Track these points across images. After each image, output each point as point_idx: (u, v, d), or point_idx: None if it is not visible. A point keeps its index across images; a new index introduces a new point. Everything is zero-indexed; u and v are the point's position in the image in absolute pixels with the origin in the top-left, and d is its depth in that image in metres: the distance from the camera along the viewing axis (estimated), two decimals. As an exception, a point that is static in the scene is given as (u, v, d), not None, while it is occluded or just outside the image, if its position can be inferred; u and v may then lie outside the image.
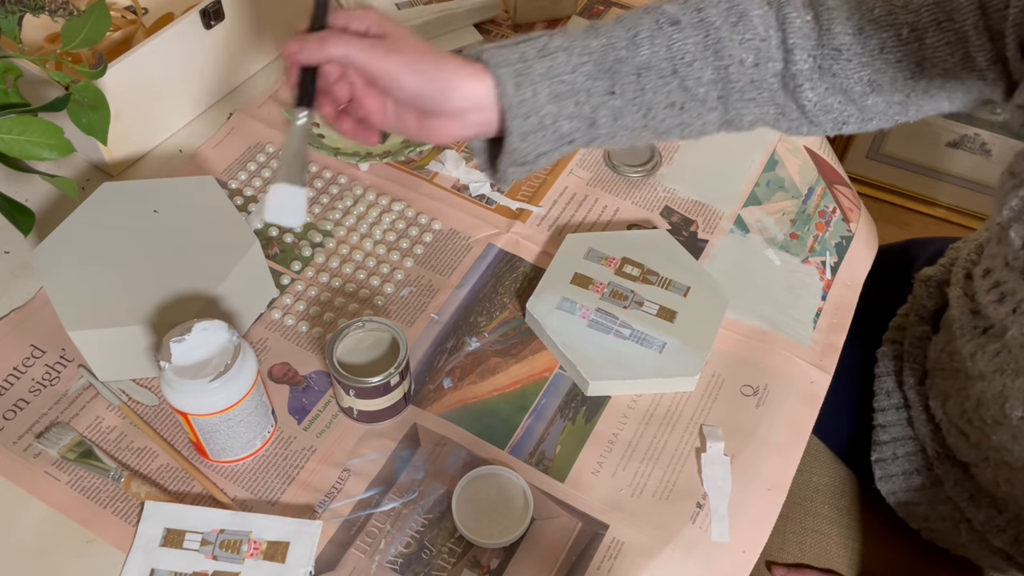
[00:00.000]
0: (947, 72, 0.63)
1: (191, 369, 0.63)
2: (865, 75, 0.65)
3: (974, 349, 0.70)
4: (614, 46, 0.64)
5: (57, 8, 0.70)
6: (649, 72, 0.65)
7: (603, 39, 0.64)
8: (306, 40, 0.59)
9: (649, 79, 0.65)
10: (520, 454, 0.71)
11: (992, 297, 0.66)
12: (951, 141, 1.73)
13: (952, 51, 0.62)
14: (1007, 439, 0.69)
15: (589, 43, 0.64)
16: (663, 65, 0.65)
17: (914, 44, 0.63)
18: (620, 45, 0.64)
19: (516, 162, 0.64)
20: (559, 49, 0.63)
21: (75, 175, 0.88)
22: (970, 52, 0.62)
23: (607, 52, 0.64)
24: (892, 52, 0.64)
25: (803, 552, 0.86)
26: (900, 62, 0.64)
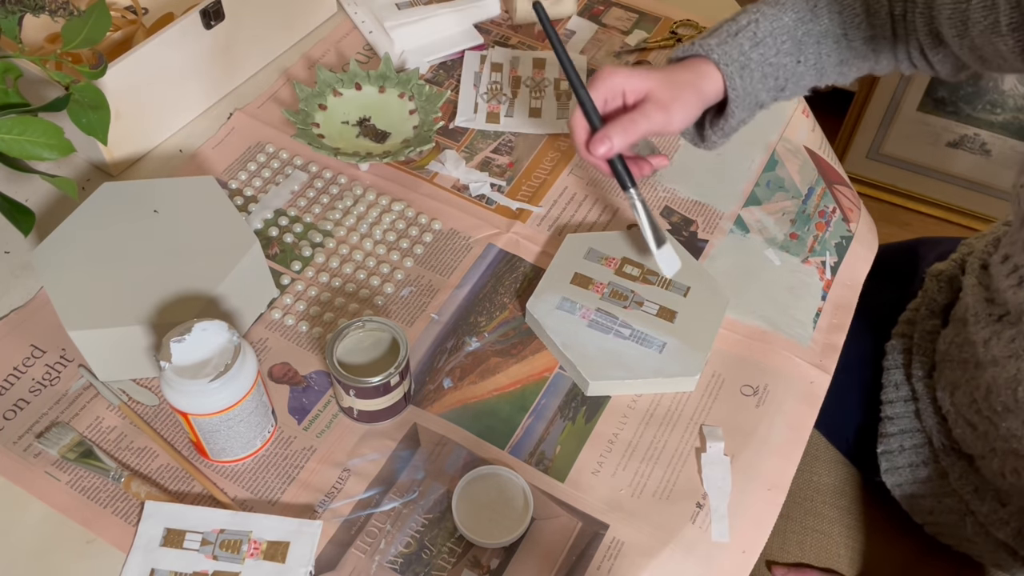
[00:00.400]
0: (982, 34, 0.69)
1: (191, 369, 0.63)
2: (932, 28, 0.74)
3: (989, 335, 0.71)
4: (802, 20, 0.76)
5: (57, 8, 0.70)
6: (826, 39, 0.77)
7: (792, 14, 0.76)
8: (599, 142, 0.72)
9: (826, 45, 0.77)
10: (520, 454, 0.71)
11: (1011, 282, 0.69)
12: (951, 141, 1.73)
13: (986, 14, 0.68)
14: (1017, 425, 0.70)
15: (784, 21, 0.75)
16: (837, 31, 0.77)
17: (963, 4, 0.69)
18: (807, 18, 0.76)
19: (727, 133, 0.79)
20: (767, 35, 0.75)
21: (75, 175, 0.88)
22: (998, 17, 0.67)
23: (798, 27, 0.76)
24: (947, 8, 0.70)
25: (803, 552, 0.86)
26: (951, 18, 0.71)
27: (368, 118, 0.93)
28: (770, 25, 0.75)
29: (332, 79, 0.93)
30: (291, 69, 0.99)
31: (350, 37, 1.03)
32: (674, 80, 0.73)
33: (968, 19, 0.70)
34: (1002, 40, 0.68)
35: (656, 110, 0.72)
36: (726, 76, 0.74)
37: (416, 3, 1.03)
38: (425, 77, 0.99)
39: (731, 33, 0.75)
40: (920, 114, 1.71)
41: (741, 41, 0.74)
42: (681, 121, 0.74)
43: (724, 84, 0.74)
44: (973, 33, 0.70)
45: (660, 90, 0.72)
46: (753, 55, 0.74)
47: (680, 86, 0.73)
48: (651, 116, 0.72)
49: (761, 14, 0.76)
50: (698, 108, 0.75)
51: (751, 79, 0.75)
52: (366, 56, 1.01)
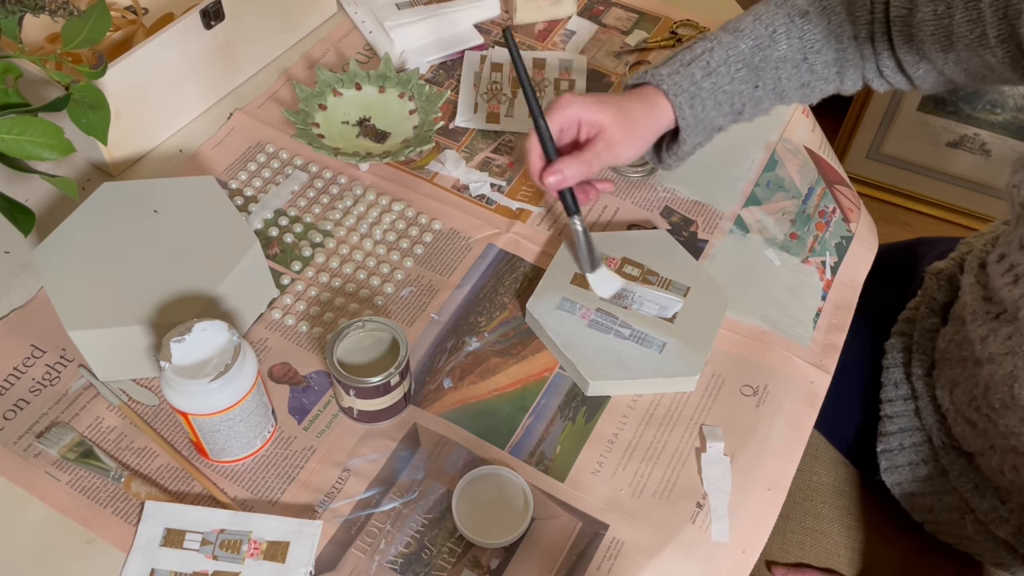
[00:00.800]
0: (969, 47, 0.70)
1: (191, 369, 0.63)
2: (914, 45, 0.75)
3: (985, 333, 0.72)
4: (759, 46, 0.77)
5: (57, 8, 0.70)
6: (785, 64, 0.78)
7: (749, 41, 0.77)
8: (554, 173, 0.76)
9: (785, 70, 0.78)
10: (520, 454, 0.71)
11: (1006, 280, 0.69)
12: (951, 141, 1.73)
13: (972, 28, 0.69)
14: (1015, 422, 0.70)
15: (740, 48, 0.77)
16: (796, 56, 0.78)
17: (946, 20, 0.70)
18: (764, 44, 0.77)
19: (681, 158, 0.81)
20: (720, 64, 0.77)
21: (75, 175, 0.88)
22: (986, 30, 0.68)
23: (754, 53, 0.77)
24: (929, 24, 0.71)
25: (803, 552, 0.86)
26: (934, 34, 0.72)
27: (368, 118, 0.93)
28: (724, 53, 0.77)
29: (332, 79, 0.93)
30: (291, 69, 0.99)
31: (350, 37, 1.03)
32: (628, 115, 0.77)
33: (952, 33, 0.71)
34: (990, 52, 0.69)
35: (606, 150, 0.76)
36: (675, 106, 0.77)
37: (416, 3, 1.03)
38: (425, 77, 0.99)
39: (684, 63, 0.77)
40: (920, 114, 1.71)
41: (693, 71, 0.77)
42: (628, 157, 0.78)
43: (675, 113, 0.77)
44: (959, 47, 0.71)
45: (613, 128, 0.76)
46: (705, 84, 0.77)
47: (633, 121, 0.77)
48: (602, 156, 0.77)
49: (717, 42, 0.78)
50: (650, 140, 0.79)
51: (703, 107, 0.77)
52: (366, 56, 1.01)
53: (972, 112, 1.67)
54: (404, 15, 1.00)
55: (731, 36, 0.78)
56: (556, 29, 1.05)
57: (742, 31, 0.78)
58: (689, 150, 0.81)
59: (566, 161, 0.76)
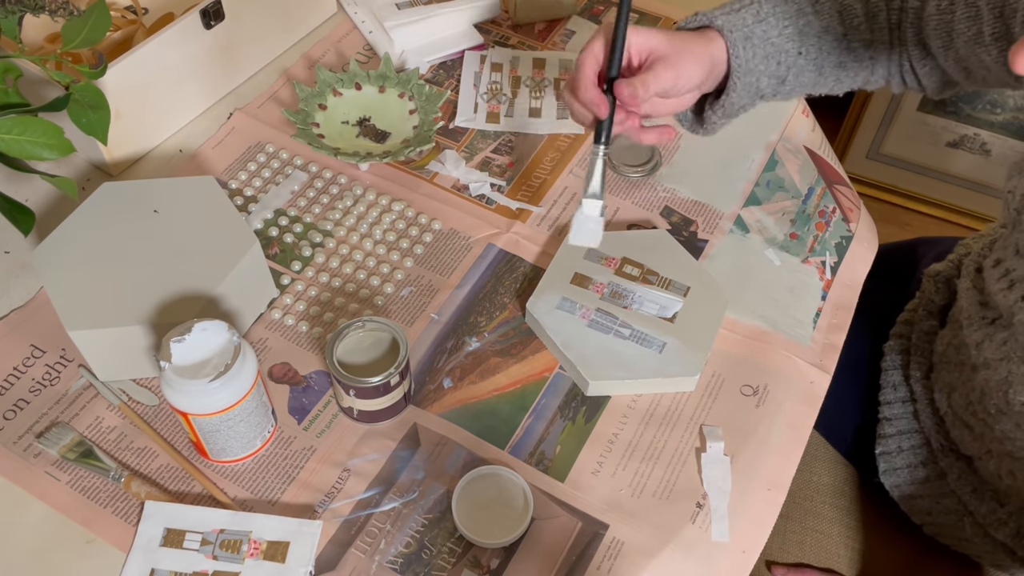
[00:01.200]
0: (967, 44, 0.69)
1: (191, 369, 0.63)
2: (920, 39, 0.73)
3: (981, 338, 0.71)
4: (803, 11, 0.74)
5: (57, 8, 0.70)
6: (827, 35, 0.75)
7: (794, 4, 0.74)
8: (629, 86, 0.67)
9: (826, 41, 0.75)
10: (520, 454, 0.71)
11: (1001, 285, 0.69)
12: (951, 141, 1.73)
13: (970, 25, 0.68)
14: (1010, 427, 0.70)
15: (788, 7, 0.74)
16: (839, 29, 0.75)
17: (948, 15, 0.70)
18: (808, 11, 0.74)
19: (728, 114, 0.75)
20: (770, 15, 0.73)
21: (75, 175, 0.88)
22: (982, 27, 0.67)
23: (799, 16, 0.74)
24: (933, 18, 0.71)
25: (803, 552, 0.86)
26: (936, 29, 0.71)
27: (368, 118, 0.93)
28: (772, 7, 0.74)
29: (332, 79, 0.93)
30: (291, 69, 0.99)
31: (350, 37, 1.03)
32: (682, 40, 0.71)
33: (953, 30, 0.70)
34: (985, 51, 0.69)
35: (665, 68, 0.69)
36: (729, 43, 0.72)
37: (416, 3, 1.03)
38: (425, 77, 0.99)
39: (735, 8, 0.73)
40: (920, 114, 1.71)
41: (744, 15, 0.72)
42: (689, 78, 0.71)
43: (728, 54, 0.72)
44: (958, 44, 0.71)
45: (666, 47, 0.70)
46: (756, 29, 0.72)
47: (687, 44, 0.71)
48: (661, 75, 0.69)
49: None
50: (706, 67, 0.72)
51: (754, 53, 0.73)
52: (366, 56, 1.01)
53: (972, 112, 1.67)
54: (404, 15, 1.00)
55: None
56: (556, 29, 1.05)
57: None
58: (736, 103, 0.75)
59: (640, 76, 0.68)
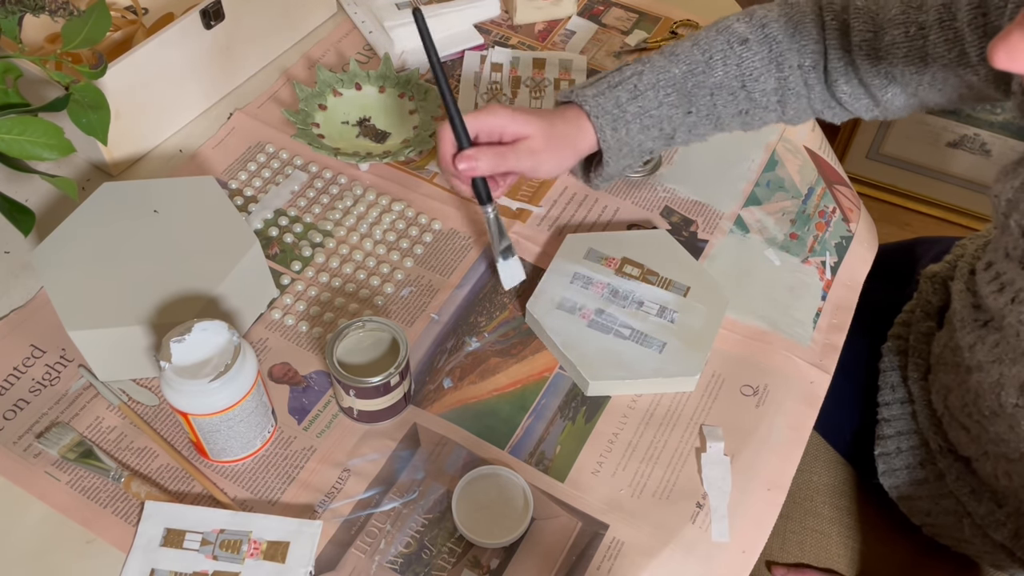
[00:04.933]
0: (946, 67, 0.69)
1: (191, 369, 0.63)
2: (881, 68, 0.73)
3: (973, 340, 0.72)
4: (693, 72, 0.77)
5: (57, 8, 0.70)
6: (721, 90, 0.77)
7: (683, 66, 0.77)
8: (466, 160, 0.74)
9: (720, 96, 0.77)
10: (520, 454, 0.71)
11: (992, 288, 0.69)
12: (951, 141, 1.73)
13: (949, 48, 0.68)
14: (1004, 429, 0.70)
15: (672, 72, 0.76)
16: (733, 83, 0.77)
17: (919, 40, 0.70)
18: (698, 70, 0.77)
19: (607, 179, 0.82)
20: (648, 88, 0.76)
21: (75, 175, 0.88)
22: (965, 48, 0.67)
23: (687, 79, 0.77)
24: (900, 47, 0.71)
25: (803, 552, 0.86)
26: (907, 56, 0.71)
27: (368, 118, 0.93)
28: (654, 77, 0.76)
29: (332, 79, 0.93)
30: (291, 69, 0.99)
31: (350, 37, 1.03)
32: (553, 131, 0.76)
33: (928, 55, 0.70)
34: (971, 71, 0.68)
35: (527, 155, 0.75)
36: (596, 128, 0.76)
37: (416, 3, 1.03)
38: (425, 77, 0.99)
39: (611, 85, 0.77)
40: (920, 114, 1.71)
41: (619, 93, 0.76)
42: (549, 171, 0.77)
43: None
44: (934, 68, 0.70)
45: (537, 139, 0.75)
46: (630, 108, 0.76)
47: (558, 139, 0.76)
48: (521, 158, 0.75)
49: (649, 65, 0.77)
50: (571, 160, 0.78)
51: (626, 131, 0.77)
52: (366, 56, 1.01)
53: (972, 112, 1.67)
54: (404, 15, 1.00)
55: (665, 60, 0.77)
56: (556, 29, 1.05)
57: (678, 55, 0.77)
58: (613, 171, 0.80)
59: (482, 151, 0.75)
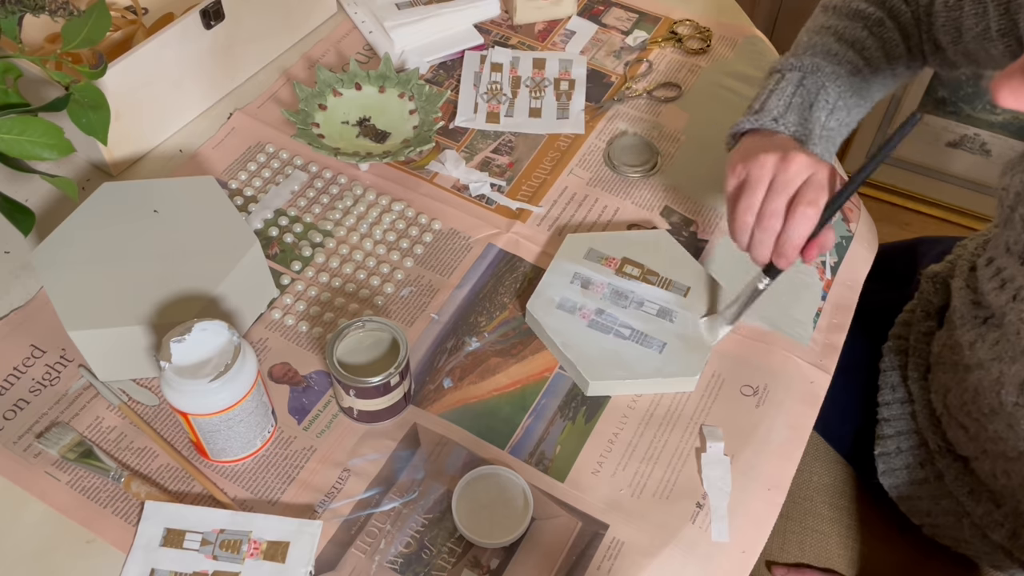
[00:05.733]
0: (975, 39, 0.72)
1: (191, 369, 0.63)
2: (931, 35, 0.77)
3: (973, 338, 0.72)
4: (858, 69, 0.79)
5: (57, 8, 0.70)
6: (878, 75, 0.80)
7: (847, 66, 0.78)
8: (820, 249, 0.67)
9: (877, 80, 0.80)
10: (520, 454, 0.71)
11: (993, 284, 0.69)
12: (951, 141, 1.73)
13: (978, 20, 0.70)
14: (1002, 428, 0.70)
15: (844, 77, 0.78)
16: (885, 67, 0.80)
17: (956, 12, 0.72)
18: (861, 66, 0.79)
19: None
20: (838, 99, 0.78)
21: (75, 175, 0.88)
22: (989, 23, 0.69)
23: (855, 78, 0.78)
24: (940, 16, 0.73)
25: (803, 552, 0.86)
26: (944, 26, 0.73)
27: (368, 118, 0.93)
28: (836, 90, 0.77)
29: (332, 79, 0.93)
30: (291, 69, 0.99)
31: (350, 37, 1.03)
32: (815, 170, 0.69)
33: (961, 26, 0.72)
34: (992, 45, 0.70)
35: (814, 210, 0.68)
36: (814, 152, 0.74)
37: (416, 3, 1.03)
38: (425, 77, 0.99)
39: (805, 105, 0.75)
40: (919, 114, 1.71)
41: (818, 115, 0.76)
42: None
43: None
44: (966, 39, 0.72)
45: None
46: (830, 123, 0.77)
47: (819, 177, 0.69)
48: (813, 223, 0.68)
49: (823, 76, 0.77)
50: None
51: (834, 145, 0.80)
52: (366, 56, 1.01)
53: (972, 112, 1.67)
54: (404, 15, 1.00)
55: (830, 64, 0.77)
56: (556, 29, 1.05)
57: (838, 56, 0.78)
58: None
59: (828, 233, 0.68)
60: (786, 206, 0.67)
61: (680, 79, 1.00)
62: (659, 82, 1.00)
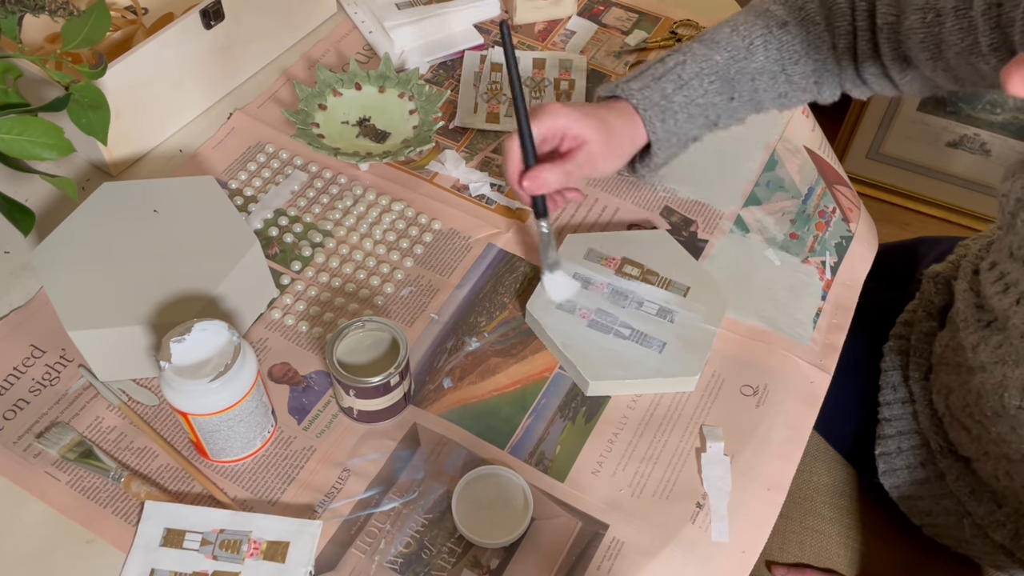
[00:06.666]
0: (959, 55, 0.70)
1: (191, 369, 0.63)
2: (900, 52, 0.74)
3: (977, 341, 0.71)
4: (735, 58, 0.77)
5: (57, 8, 0.70)
6: (762, 75, 0.78)
7: (724, 53, 0.77)
8: (532, 179, 0.74)
9: (762, 81, 0.78)
10: (520, 454, 0.71)
11: (996, 288, 0.69)
12: (951, 141, 1.73)
13: (963, 36, 0.68)
14: (1006, 430, 0.70)
15: (715, 60, 0.77)
16: (774, 67, 0.78)
17: (935, 27, 0.70)
18: (740, 56, 0.77)
19: (654, 169, 0.82)
20: (692, 77, 0.77)
21: (75, 175, 0.88)
22: (978, 38, 0.67)
23: (729, 65, 0.77)
24: (918, 32, 0.71)
25: (803, 552, 0.86)
26: (923, 42, 0.71)
27: (368, 118, 0.93)
28: (697, 66, 0.77)
29: (332, 79, 0.93)
30: (291, 69, 0.99)
31: (350, 37, 1.03)
32: (610, 130, 0.76)
33: (942, 42, 0.70)
34: (983, 60, 0.68)
35: (589, 164, 0.76)
36: (645, 121, 0.77)
37: (416, 3, 1.03)
38: (425, 77, 0.99)
39: (655, 77, 0.77)
40: (920, 114, 1.71)
41: (664, 85, 0.77)
42: (609, 170, 0.78)
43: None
44: (948, 55, 0.71)
45: (595, 143, 0.75)
46: (676, 98, 0.77)
47: (616, 137, 0.77)
48: (583, 169, 0.76)
49: (690, 55, 0.77)
50: (628, 155, 0.79)
51: (674, 121, 0.77)
52: (366, 56, 1.01)
53: (972, 112, 1.67)
54: (404, 15, 1.00)
55: (706, 48, 0.78)
56: (556, 29, 1.05)
57: (718, 43, 0.78)
58: (661, 162, 0.81)
59: (547, 168, 0.75)
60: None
61: (680, 79, 1.00)
62: (659, 82, 1.00)
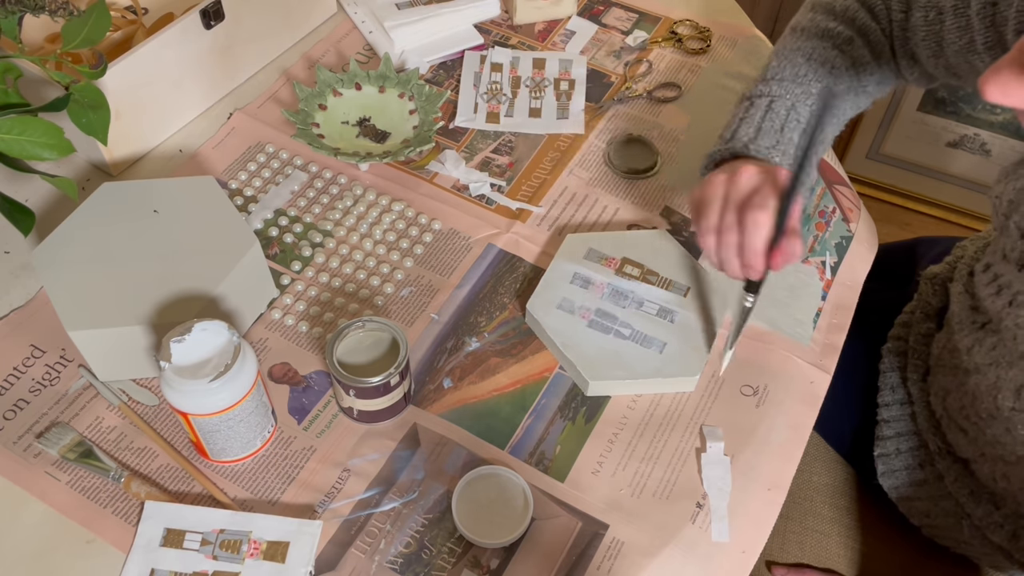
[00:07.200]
0: (958, 53, 0.70)
1: (191, 369, 0.63)
2: (908, 49, 0.76)
3: (971, 343, 0.72)
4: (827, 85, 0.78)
5: (57, 8, 0.70)
6: (848, 93, 0.80)
7: (817, 84, 0.77)
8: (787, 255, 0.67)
9: (848, 99, 0.80)
10: (520, 454, 0.71)
11: (991, 290, 0.69)
12: (951, 141, 1.73)
13: (961, 34, 0.69)
14: (1000, 432, 0.70)
15: (814, 93, 0.77)
16: (855, 83, 0.79)
17: (936, 25, 0.71)
18: (829, 82, 0.78)
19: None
20: (807, 116, 0.76)
21: (75, 175, 0.88)
22: (974, 37, 0.68)
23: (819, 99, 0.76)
24: (920, 30, 0.72)
25: (803, 552, 0.86)
26: (925, 39, 0.72)
27: (368, 118, 0.93)
28: (806, 110, 0.76)
29: (332, 79, 0.93)
30: (291, 69, 0.99)
31: (350, 37, 1.03)
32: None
33: (942, 40, 0.71)
34: (978, 58, 0.69)
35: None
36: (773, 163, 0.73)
37: (416, 3, 1.03)
38: (425, 77, 0.99)
39: (776, 128, 0.75)
40: (920, 114, 1.71)
41: (791, 135, 0.75)
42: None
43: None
44: (948, 53, 0.71)
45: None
46: (794, 137, 0.75)
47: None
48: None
49: (792, 98, 0.76)
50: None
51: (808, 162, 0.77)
52: (366, 56, 1.01)
53: (972, 112, 1.67)
54: (404, 15, 1.00)
55: (800, 87, 0.77)
56: (556, 29, 1.05)
57: (805, 75, 0.77)
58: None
59: (796, 241, 0.67)
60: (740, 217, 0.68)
61: (680, 79, 1.00)
62: (659, 82, 1.00)
